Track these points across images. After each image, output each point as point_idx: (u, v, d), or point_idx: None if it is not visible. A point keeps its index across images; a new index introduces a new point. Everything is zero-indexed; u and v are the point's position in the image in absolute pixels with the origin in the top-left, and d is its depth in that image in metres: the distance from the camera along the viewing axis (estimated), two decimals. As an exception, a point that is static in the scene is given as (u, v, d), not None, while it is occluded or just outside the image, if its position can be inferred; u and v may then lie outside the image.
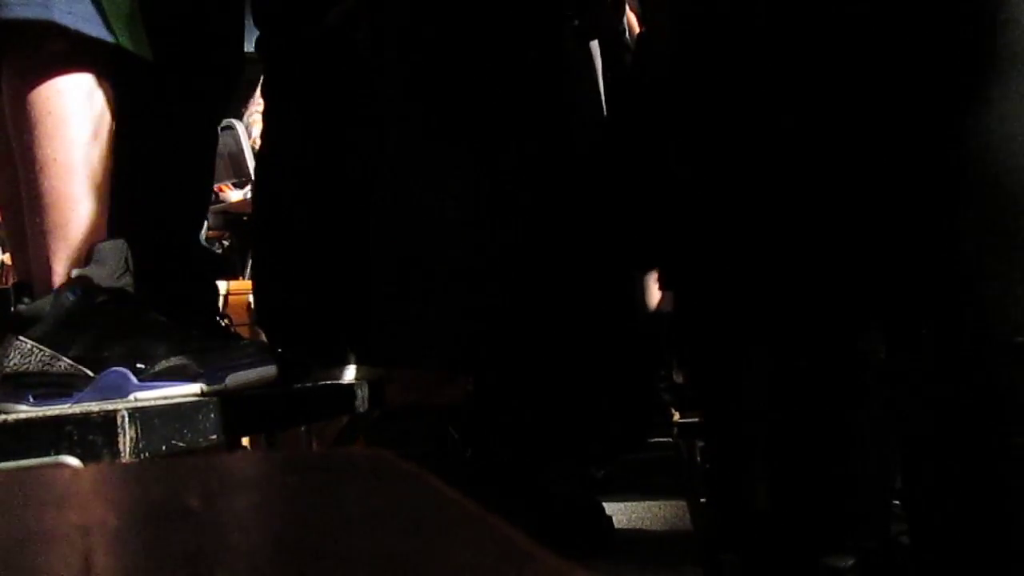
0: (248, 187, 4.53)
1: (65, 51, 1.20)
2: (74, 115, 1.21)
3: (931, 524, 1.06)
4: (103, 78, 1.24)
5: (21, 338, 1.18)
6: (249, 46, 1.87)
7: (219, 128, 1.80)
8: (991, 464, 1.01)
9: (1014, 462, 1.01)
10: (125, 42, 1.22)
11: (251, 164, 4.36)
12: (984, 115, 1.00)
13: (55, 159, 1.19)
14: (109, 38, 1.20)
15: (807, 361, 1.19)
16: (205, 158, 1.70)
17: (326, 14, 1.75)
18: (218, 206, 4.64)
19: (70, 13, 1.17)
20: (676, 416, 2.30)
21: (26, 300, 1.20)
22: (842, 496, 1.19)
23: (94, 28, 1.19)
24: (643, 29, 2.20)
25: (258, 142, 4.83)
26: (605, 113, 1.99)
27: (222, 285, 2.28)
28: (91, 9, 1.19)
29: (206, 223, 1.96)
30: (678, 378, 2.59)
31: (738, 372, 1.53)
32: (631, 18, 2.34)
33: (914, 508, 1.11)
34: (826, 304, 1.19)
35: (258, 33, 1.90)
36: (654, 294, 2.67)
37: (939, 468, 1.05)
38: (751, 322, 1.40)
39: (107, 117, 1.24)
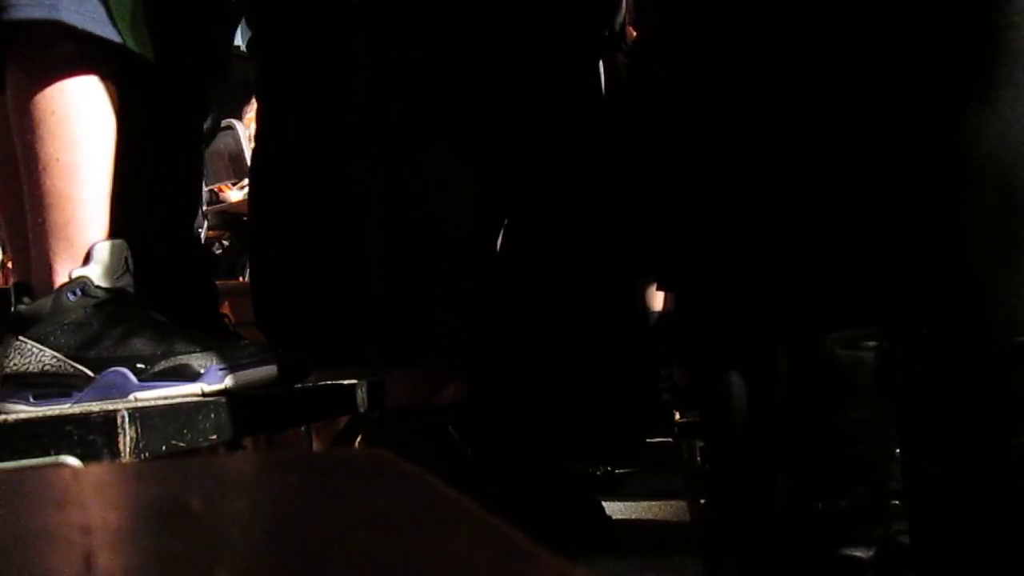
0: (248, 187, 4.52)
1: (71, 51, 1.20)
2: (77, 115, 1.21)
3: (931, 524, 1.06)
4: (107, 78, 1.24)
5: (21, 338, 1.18)
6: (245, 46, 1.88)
7: (207, 126, 1.81)
8: (992, 464, 1.01)
9: (1015, 462, 1.01)
10: (130, 42, 1.22)
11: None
12: (989, 116, 1.00)
13: (58, 159, 1.19)
14: (116, 37, 1.20)
15: (805, 360, 1.19)
16: (197, 155, 1.70)
17: (318, 14, 1.75)
18: (218, 206, 4.64)
19: (78, 13, 1.17)
20: (676, 416, 2.30)
21: (26, 300, 1.20)
22: (839, 496, 1.19)
23: (101, 28, 1.19)
24: (638, 34, 2.20)
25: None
26: (603, 115, 1.99)
27: (222, 285, 2.28)
28: (98, 8, 1.19)
29: (206, 223, 1.97)
30: (678, 378, 2.59)
31: (735, 371, 1.53)
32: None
33: (914, 508, 1.11)
34: (825, 303, 1.19)
35: (250, 33, 1.90)
36: (656, 295, 2.67)
37: (940, 468, 1.05)
38: (749, 321, 1.39)
39: (110, 117, 1.24)
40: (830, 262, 1.17)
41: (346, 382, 1.66)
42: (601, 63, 2.02)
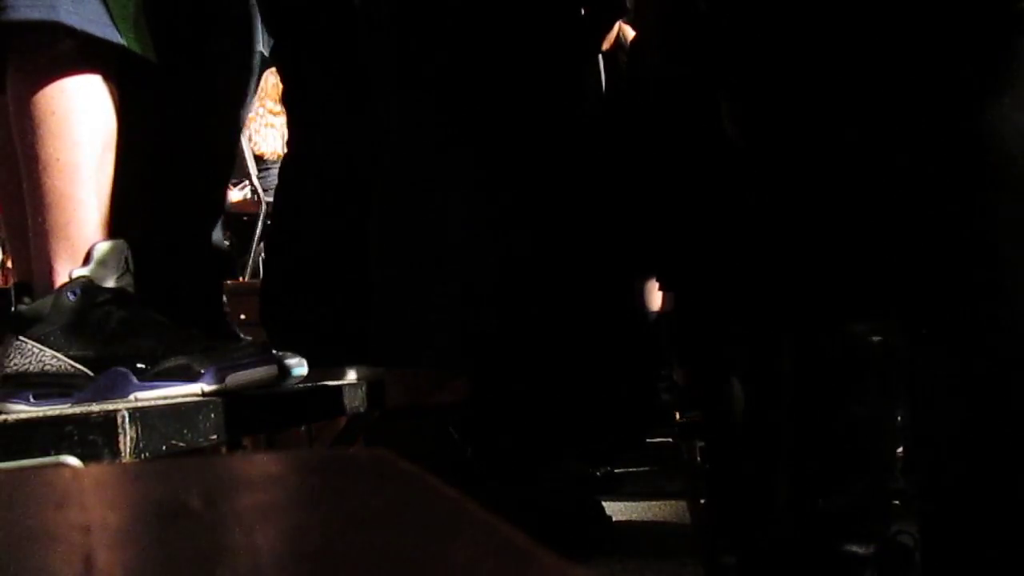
0: (248, 187, 4.53)
1: (70, 52, 1.20)
2: (77, 115, 1.21)
3: (947, 525, 1.05)
4: (107, 79, 1.24)
5: (21, 338, 1.18)
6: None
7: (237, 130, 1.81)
8: (1013, 466, 1.00)
9: None
10: (130, 43, 1.22)
11: (251, 164, 4.36)
12: (1011, 114, 0.99)
13: (58, 159, 1.19)
14: (116, 38, 1.21)
15: (807, 355, 1.19)
16: (205, 156, 1.69)
17: (336, 20, 1.75)
18: (218, 206, 4.64)
19: (76, 14, 1.17)
20: (676, 416, 2.30)
21: (26, 300, 1.20)
22: (839, 492, 1.19)
23: (101, 28, 1.19)
24: (637, 33, 2.20)
25: (258, 145, 4.85)
26: (604, 115, 1.99)
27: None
28: (98, 9, 1.19)
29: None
30: (678, 378, 2.59)
31: (736, 370, 1.52)
32: (624, 27, 2.34)
33: (929, 508, 1.09)
34: (829, 298, 1.18)
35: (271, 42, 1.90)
36: (656, 295, 2.67)
37: (959, 470, 1.03)
38: (750, 318, 1.39)
39: (110, 117, 1.25)
40: (833, 257, 1.16)
41: (346, 382, 1.67)
42: (601, 63, 2.03)
